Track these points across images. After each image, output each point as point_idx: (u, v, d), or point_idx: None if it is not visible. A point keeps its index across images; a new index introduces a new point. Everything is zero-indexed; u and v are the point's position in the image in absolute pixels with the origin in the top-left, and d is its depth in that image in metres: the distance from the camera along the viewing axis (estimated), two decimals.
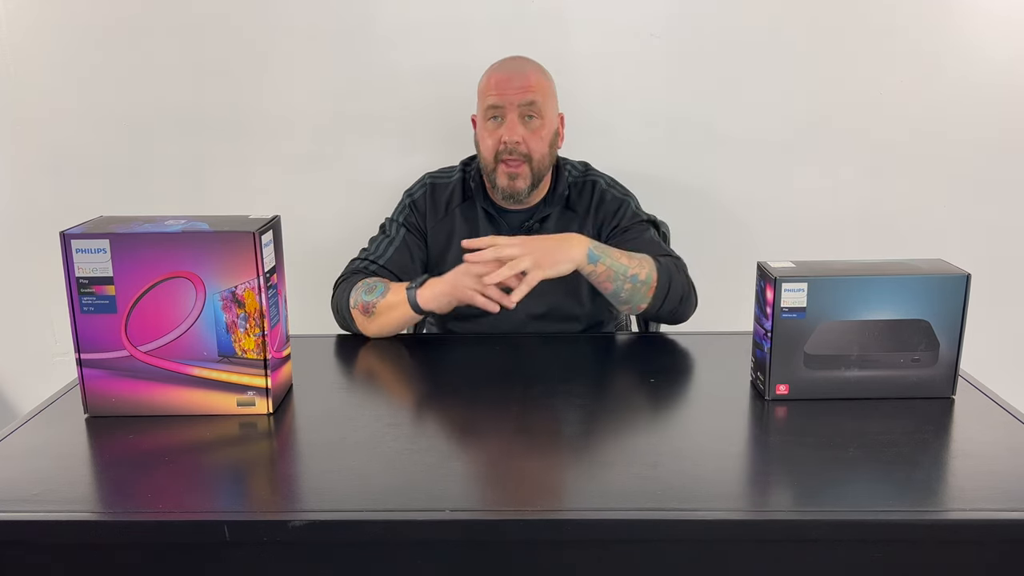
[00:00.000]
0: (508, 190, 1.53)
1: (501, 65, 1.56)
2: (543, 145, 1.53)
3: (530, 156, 1.51)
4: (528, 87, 1.50)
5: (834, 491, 0.97)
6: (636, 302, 1.41)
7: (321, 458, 1.08)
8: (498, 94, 1.51)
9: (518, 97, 1.50)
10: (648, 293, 1.41)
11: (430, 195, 1.63)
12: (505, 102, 1.50)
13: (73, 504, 0.96)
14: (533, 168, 1.52)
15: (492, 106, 1.51)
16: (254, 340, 1.15)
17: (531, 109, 1.51)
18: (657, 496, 0.97)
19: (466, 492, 0.98)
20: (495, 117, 1.52)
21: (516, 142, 1.50)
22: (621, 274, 1.39)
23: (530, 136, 1.51)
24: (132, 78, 1.93)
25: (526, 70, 1.53)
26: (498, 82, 1.51)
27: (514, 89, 1.50)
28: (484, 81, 1.55)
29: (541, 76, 1.54)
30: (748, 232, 2.02)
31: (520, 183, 1.52)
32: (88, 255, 1.11)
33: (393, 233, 1.62)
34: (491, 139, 1.53)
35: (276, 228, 1.20)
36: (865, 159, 1.97)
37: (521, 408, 1.21)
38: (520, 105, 1.50)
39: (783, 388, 1.21)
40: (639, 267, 1.40)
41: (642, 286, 1.40)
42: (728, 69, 1.92)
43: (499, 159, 1.52)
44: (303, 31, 1.91)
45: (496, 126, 1.52)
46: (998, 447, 1.09)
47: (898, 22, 1.89)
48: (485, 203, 1.61)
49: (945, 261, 1.24)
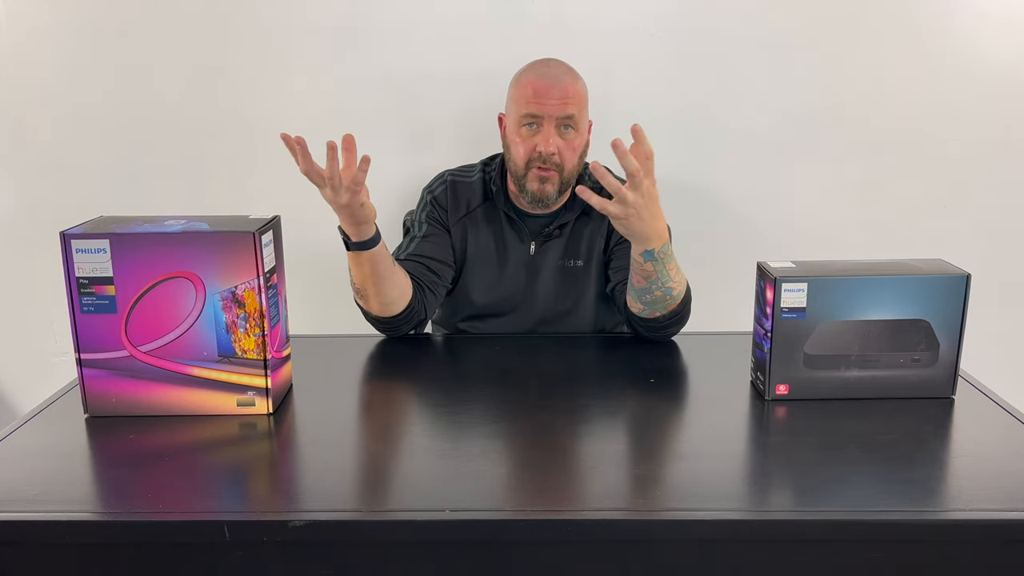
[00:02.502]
0: (538, 194, 1.51)
1: (540, 71, 1.52)
2: (575, 156, 1.52)
3: (563, 166, 1.50)
4: (567, 100, 1.48)
5: (834, 491, 0.97)
6: (655, 308, 1.40)
7: (321, 458, 1.08)
8: (537, 103, 1.47)
9: (558, 110, 1.47)
10: (670, 307, 1.40)
11: (451, 192, 1.62)
12: (544, 113, 1.48)
13: (73, 504, 0.96)
14: (564, 177, 1.51)
15: (529, 114, 1.49)
16: (254, 340, 1.15)
17: (568, 121, 1.49)
18: (657, 496, 0.97)
19: (466, 492, 0.98)
20: (531, 124, 1.50)
21: (552, 153, 1.48)
22: (662, 282, 1.36)
23: (565, 147, 1.50)
24: (132, 78, 1.93)
25: (566, 80, 1.49)
26: (537, 91, 1.48)
27: (554, 101, 1.47)
28: (522, 87, 1.51)
29: (579, 87, 1.52)
30: (748, 232, 2.02)
31: (549, 187, 1.51)
32: (88, 255, 1.11)
33: (417, 230, 1.60)
34: (524, 147, 1.50)
35: (276, 228, 1.21)
36: (865, 159, 1.97)
37: (521, 408, 1.21)
38: (559, 118, 1.48)
39: (783, 388, 1.21)
40: (678, 283, 1.39)
41: (670, 301, 1.39)
42: (728, 69, 1.92)
43: (531, 166, 1.51)
44: (303, 31, 1.90)
45: (531, 133, 1.50)
46: (998, 447, 1.09)
47: (899, 21, 1.89)
48: (505, 206, 1.60)
49: (945, 261, 1.24)
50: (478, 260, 1.60)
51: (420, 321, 1.52)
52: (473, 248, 1.60)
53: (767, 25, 1.89)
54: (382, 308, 1.44)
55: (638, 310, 1.43)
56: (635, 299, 1.42)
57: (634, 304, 1.43)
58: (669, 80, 1.93)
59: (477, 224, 1.61)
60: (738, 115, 1.94)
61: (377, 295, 1.42)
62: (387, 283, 1.42)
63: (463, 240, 1.61)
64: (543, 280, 1.60)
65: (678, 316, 1.42)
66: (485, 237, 1.60)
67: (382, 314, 1.45)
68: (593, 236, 1.59)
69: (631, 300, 1.43)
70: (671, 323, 1.43)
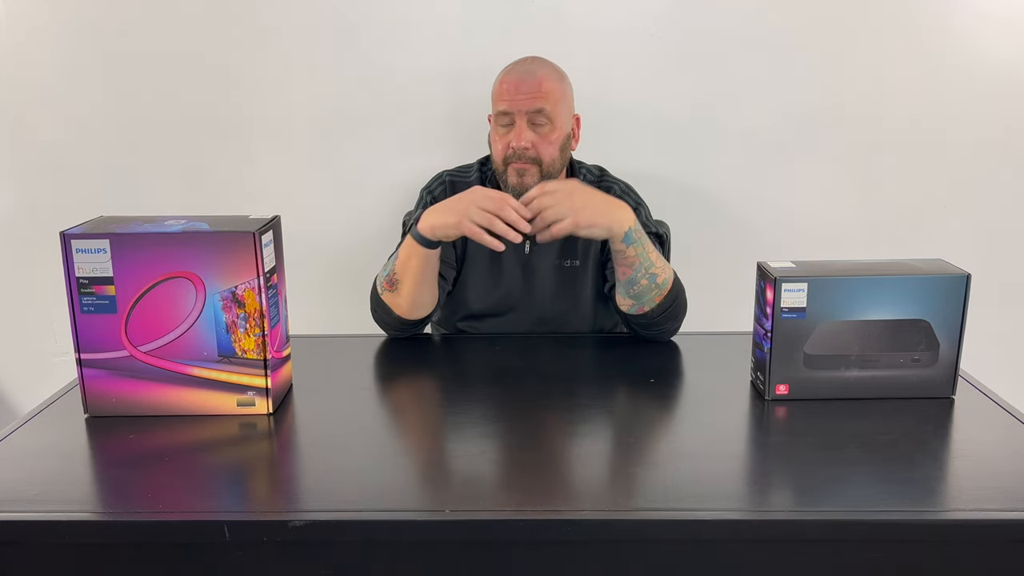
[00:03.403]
0: (517, 187, 1.52)
1: (513, 69, 1.55)
2: (553, 149, 1.52)
3: (540, 159, 1.51)
4: (537, 94, 1.49)
5: (834, 491, 0.97)
6: (644, 301, 1.41)
7: (321, 458, 1.08)
8: (508, 100, 1.50)
9: (526, 104, 1.49)
10: (657, 298, 1.40)
11: (450, 192, 1.61)
12: (514, 108, 1.50)
13: (73, 504, 0.96)
14: (543, 170, 1.52)
15: (502, 112, 1.51)
16: (254, 340, 1.15)
17: (540, 116, 1.50)
18: (657, 496, 0.97)
19: (466, 492, 0.98)
20: (506, 123, 1.52)
21: (525, 148, 1.50)
22: (645, 267, 1.38)
23: (539, 140, 1.50)
24: (132, 78, 1.93)
25: (537, 76, 1.51)
26: (508, 87, 1.50)
27: (523, 96, 1.49)
28: (497, 84, 1.54)
29: (552, 81, 1.52)
30: (748, 232, 2.02)
31: (528, 179, 1.51)
32: (88, 255, 1.11)
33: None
34: (501, 143, 1.53)
35: (276, 228, 1.21)
36: (866, 159, 1.97)
37: (521, 408, 1.21)
38: (528, 112, 1.49)
39: (783, 388, 1.21)
40: (662, 270, 1.41)
41: (656, 289, 1.40)
42: (728, 69, 1.92)
43: (508, 162, 1.52)
44: (303, 31, 1.90)
45: (507, 131, 1.52)
46: (998, 447, 1.09)
47: (899, 21, 1.89)
48: None
49: (945, 261, 1.24)
50: (475, 260, 1.60)
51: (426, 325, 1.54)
52: (471, 248, 1.60)
53: (767, 25, 1.89)
54: (409, 309, 1.46)
55: (628, 306, 1.43)
56: (624, 295, 1.43)
57: (623, 301, 1.44)
58: (669, 80, 1.93)
59: None
60: (738, 115, 1.94)
61: (411, 294, 1.44)
62: (426, 287, 1.45)
63: (462, 240, 1.61)
64: (540, 280, 1.60)
65: (669, 311, 1.43)
66: None
67: (406, 315, 1.46)
68: None
69: (620, 298, 1.44)
70: (663, 318, 1.43)
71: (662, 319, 1.43)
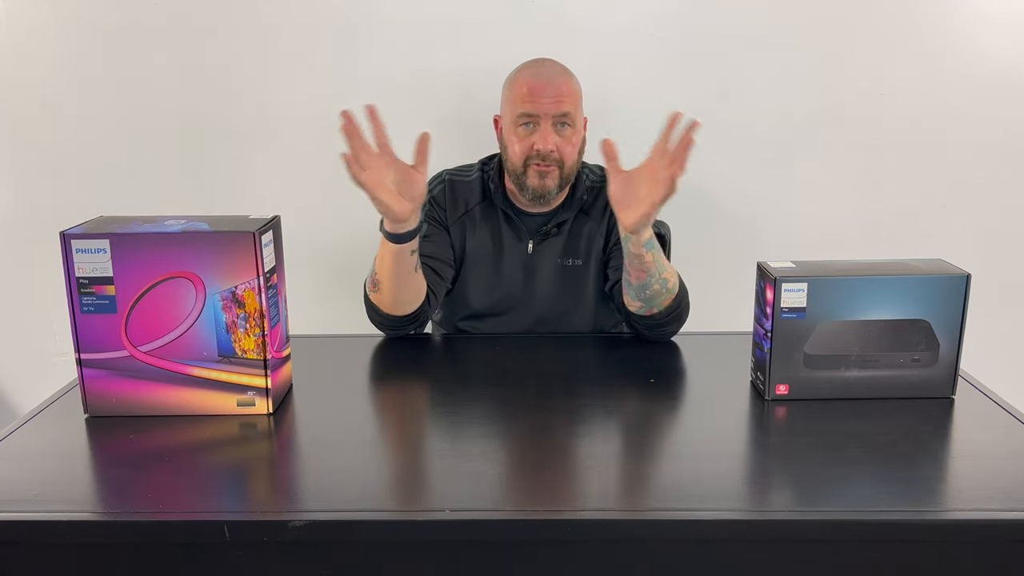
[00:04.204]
0: (539, 189, 1.52)
1: (533, 71, 1.53)
2: (574, 151, 1.53)
3: (563, 162, 1.51)
4: (562, 98, 1.49)
5: (834, 491, 0.97)
6: (653, 304, 1.41)
7: (321, 458, 1.08)
8: (532, 103, 1.49)
9: (553, 108, 1.48)
10: (666, 301, 1.40)
11: (449, 191, 1.62)
12: (540, 111, 1.49)
13: (73, 504, 0.96)
14: (564, 173, 1.52)
15: (525, 114, 1.50)
16: (254, 340, 1.15)
17: (565, 119, 1.50)
18: (657, 496, 0.97)
19: (466, 492, 0.98)
20: (527, 124, 1.51)
21: (550, 151, 1.49)
22: (658, 272, 1.38)
23: (563, 143, 1.50)
24: (132, 78, 1.93)
25: (560, 79, 1.51)
26: (532, 90, 1.49)
27: (549, 99, 1.48)
28: (516, 87, 1.52)
29: (573, 84, 1.53)
30: (748, 232, 2.02)
31: (550, 182, 1.51)
32: (88, 255, 1.11)
33: None
34: (521, 145, 1.51)
35: (276, 228, 1.20)
36: (866, 159, 1.97)
37: (521, 408, 1.21)
38: (555, 116, 1.49)
39: (783, 388, 1.21)
40: (671, 275, 1.41)
41: (666, 293, 1.40)
42: (728, 69, 1.92)
43: (529, 164, 1.51)
44: (303, 31, 1.91)
45: (528, 133, 1.51)
46: (998, 447, 1.09)
47: (899, 21, 1.89)
48: (504, 204, 1.60)
49: (945, 261, 1.23)
50: (476, 259, 1.60)
51: (422, 322, 1.52)
52: (472, 247, 1.60)
53: (767, 25, 1.89)
54: (393, 305, 1.45)
55: (637, 308, 1.43)
56: (633, 297, 1.42)
57: (632, 303, 1.43)
58: (669, 80, 1.93)
59: (475, 223, 1.61)
60: (738, 115, 1.94)
61: (390, 291, 1.43)
62: (406, 282, 1.42)
63: (462, 239, 1.61)
64: (542, 279, 1.60)
65: (676, 313, 1.43)
66: (483, 236, 1.60)
67: (391, 312, 1.45)
68: (592, 235, 1.59)
69: (629, 299, 1.43)
70: (669, 320, 1.43)
71: (668, 320, 1.43)
